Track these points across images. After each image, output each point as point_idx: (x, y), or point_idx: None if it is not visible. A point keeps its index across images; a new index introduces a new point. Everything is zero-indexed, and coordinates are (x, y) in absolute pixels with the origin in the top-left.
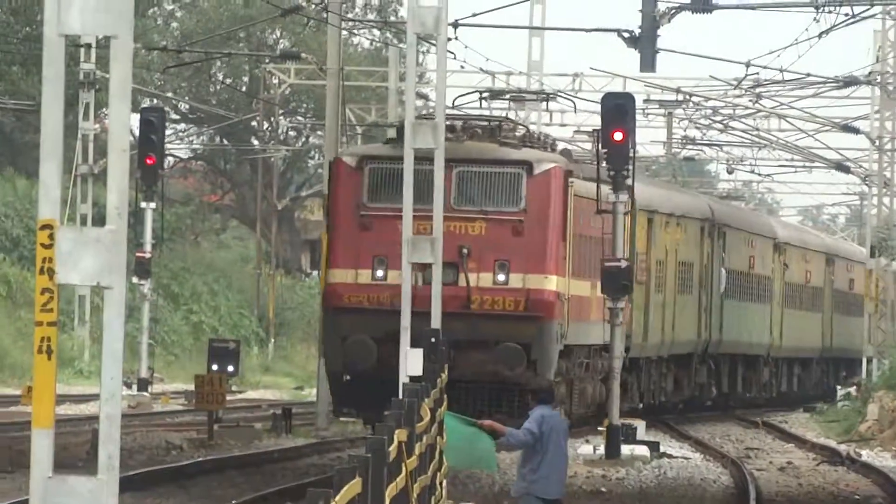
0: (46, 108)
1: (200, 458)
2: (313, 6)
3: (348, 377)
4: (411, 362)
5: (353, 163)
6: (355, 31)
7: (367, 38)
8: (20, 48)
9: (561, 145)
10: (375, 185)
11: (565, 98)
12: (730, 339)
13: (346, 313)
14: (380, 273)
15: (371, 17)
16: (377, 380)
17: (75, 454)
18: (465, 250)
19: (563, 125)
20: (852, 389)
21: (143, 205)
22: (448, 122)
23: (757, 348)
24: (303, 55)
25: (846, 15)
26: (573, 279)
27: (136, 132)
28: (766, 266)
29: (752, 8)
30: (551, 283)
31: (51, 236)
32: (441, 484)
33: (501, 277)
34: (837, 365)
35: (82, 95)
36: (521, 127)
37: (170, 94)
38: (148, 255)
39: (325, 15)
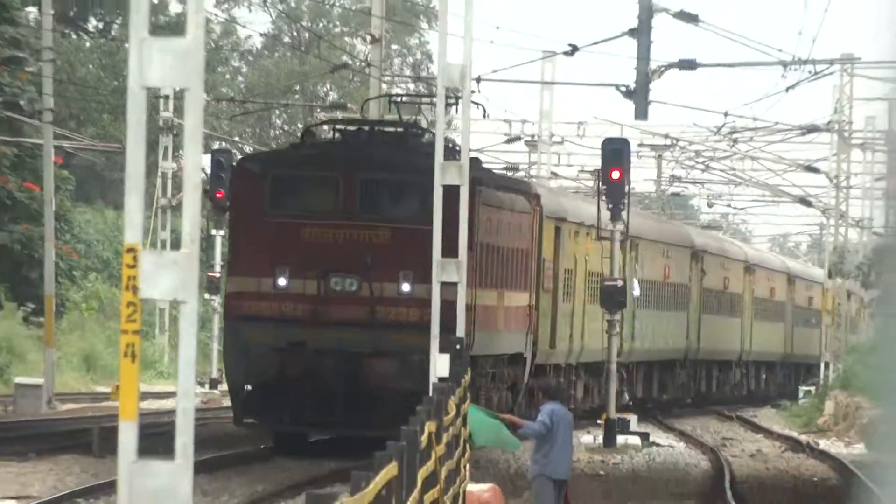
0: (130, 150)
1: (262, 446)
2: (358, 63)
3: (249, 387)
4: (440, 366)
5: (256, 169)
6: (394, 85)
7: (404, 91)
8: (109, 99)
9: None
10: (279, 191)
11: (476, 104)
12: (643, 346)
13: (247, 322)
14: (282, 282)
15: (407, 72)
16: (279, 390)
17: (156, 442)
18: (369, 259)
19: (569, 166)
20: (812, 388)
21: (213, 232)
22: (354, 128)
23: (672, 353)
24: (348, 105)
25: (810, 72)
26: (480, 289)
27: (208, 171)
28: (682, 275)
29: (730, 66)
30: (456, 293)
31: (135, 258)
32: (465, 467)
33: (406, 288)
34: (759, 367)
35: (162, 139)
36: (428, 134)
37: (236, 139)
38: (217, 275)
39: (367, 71)
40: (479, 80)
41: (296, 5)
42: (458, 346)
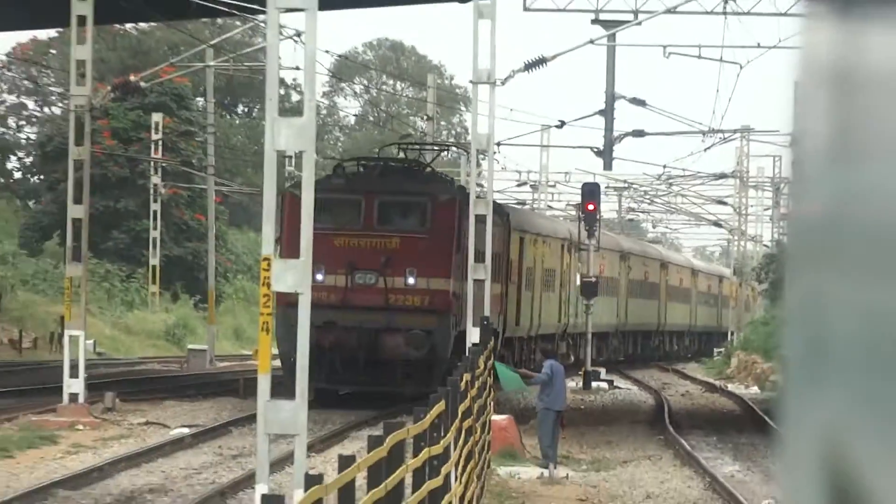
0: (266, 192)
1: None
2: (418, 134)
3: (294, 357)
4: (473, 335)
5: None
6: (443, 148)
7: (450, 152)
8: (251, 158)
9: (457, 183)
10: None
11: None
12: (584, 321)
13: (293, 308)
14: (319, 277)
15: (451, 140)
16: (316, 357)
17: (282, 388)
18: (384, 260)
19: (560, 202)
20: (722, 350)
21: None
22: (371, 163)
23: (607, 327)
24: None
25: (720, 138)
26: (466, 281)
27: None
28: (614, 270)
29: (667, 134)
30: (448, 284)
31: (268, 264)
32: (490, 404)
33: (411, 281)
34: (671, 336)
35: (286, 185)
36: (428, 168)
37: None
38: None
39: (424, 137)
40: (499, 144)
41: (376, 94)
42: (485, 323)
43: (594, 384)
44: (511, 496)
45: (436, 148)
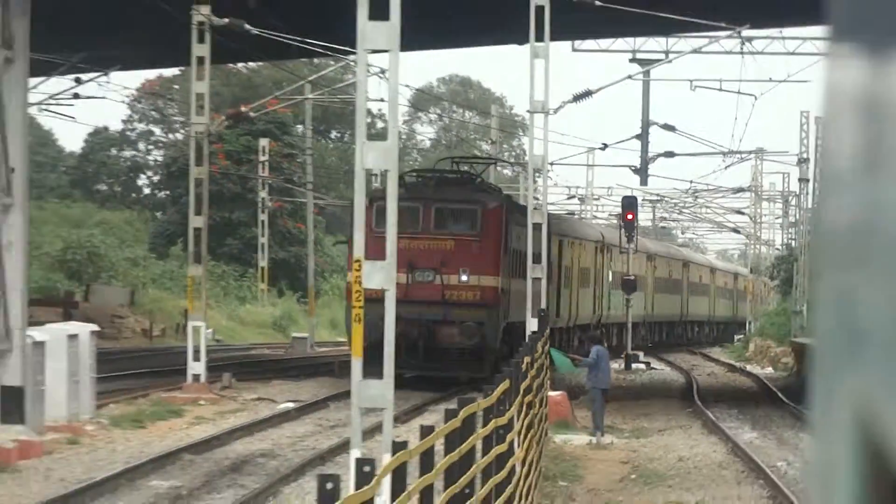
0: (356, 205)
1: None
2: (484, 155)
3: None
4: (531, 325)
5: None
6: (507, 168)
7: (511, 171)
8: (343, 176)
9: (505, 192)
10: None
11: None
12: (616, 312)
13: (367, 302)
14: None
15: (512, 160)
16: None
17: (372, 370)
18: (440, 260)
19: (603, 213)
20: (741, 336)
21: None
22: (429, 174)
23: (636, 317)
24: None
25: (738, 157)
26: (512, 279)
27: None
28: (641, 269)
29: (693, 154)
30: (496, 281)
31: (360, 265)
32: (546, 382)
33: (464, 278)
34: (692, 325)
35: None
36: (478, 179)
37: None
38: None
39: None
40: (552, 164)
41: (448, 122)
42: (542, 314)
43: (634, 366)
44: (565, 459)
45: (484, 163)
